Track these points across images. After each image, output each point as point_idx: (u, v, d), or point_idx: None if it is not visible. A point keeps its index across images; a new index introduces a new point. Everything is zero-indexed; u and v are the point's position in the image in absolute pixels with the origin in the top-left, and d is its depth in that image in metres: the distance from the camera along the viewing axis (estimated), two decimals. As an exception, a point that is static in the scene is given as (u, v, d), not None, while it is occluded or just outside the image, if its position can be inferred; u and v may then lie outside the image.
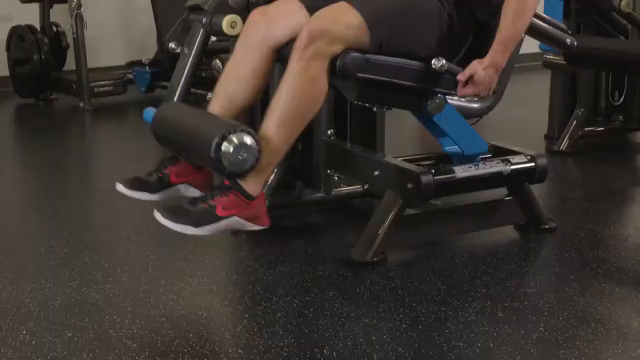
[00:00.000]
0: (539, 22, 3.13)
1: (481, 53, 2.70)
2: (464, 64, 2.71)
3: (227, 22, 2.79)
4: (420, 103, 2.78)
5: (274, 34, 2.67)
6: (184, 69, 2.92)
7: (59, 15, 5.98)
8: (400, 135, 4.09)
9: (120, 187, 2.66)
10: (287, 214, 3.35)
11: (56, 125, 5.49)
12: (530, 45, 3.09)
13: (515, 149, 3.08)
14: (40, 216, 3.53)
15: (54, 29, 6.03)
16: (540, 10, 3.50)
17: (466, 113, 2.95)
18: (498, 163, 2.95)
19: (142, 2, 6.24)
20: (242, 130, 2.40)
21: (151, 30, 6.11)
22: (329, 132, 3.25)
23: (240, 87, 2.68)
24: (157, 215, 2.44)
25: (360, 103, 2.85)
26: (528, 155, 3.03)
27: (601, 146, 4.64)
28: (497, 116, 3.22)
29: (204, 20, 2.87)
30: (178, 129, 2.63)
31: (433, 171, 2.82)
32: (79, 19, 5.67)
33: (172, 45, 2.99)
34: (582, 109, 4.55)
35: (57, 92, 5.99)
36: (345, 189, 3.40)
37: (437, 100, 2.77)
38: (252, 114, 2.99)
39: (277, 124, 2.50)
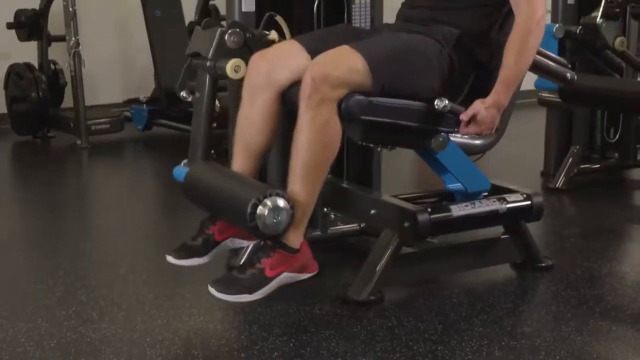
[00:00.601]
0: (538, 56, 3.15)
1: (483, 92, 2.72)
2: (466, 102, 2.73)
3: (231, 66, 2.81)
4: (423, 142, 2.80)
5: (276, 78, 2.68)
6: (201, 116, 2.94)
7: (58, 53, 6.00)
8: (397, 173, 4.10)
9: (170, 259, 2.68)
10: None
11: (53, 162, 5.50)
12: (526, 83, 3.10)
13: (511, 187, 3.09)
14: (37, 254, 3.52)
15: (52, 66, 6.05)
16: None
17: (468, 150, 2.96)
18: (494, 201, 2.96)
19: (140, 40, 6.28)
20: (275, 195, 2.45)
21: (149, 68, 6.14)
22: (325, 170, 3.26)
23: (254, 133, 2.71)
24: (212, 291, 2.49)
25: (364, 144, 2.87)
26: (524, 193, 3.04)
27: (597, 183, 4.66)
28: (494, 153, 3.23)
29: (208, 64, 2.90)
30: (211, 191, 2.67)
31: (429, 210, 2.83)
32: (77, 57, 5.69)
33: (183, 94, 3.00)
34: (577, 147, 4.57)
35: (54, 129, 5.99)
36: (342, 227, 3.41)
37: (440, 138, 2.79)
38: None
39: (301, 180, 2.53)
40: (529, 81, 3.58)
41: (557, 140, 4.78)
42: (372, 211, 3.00)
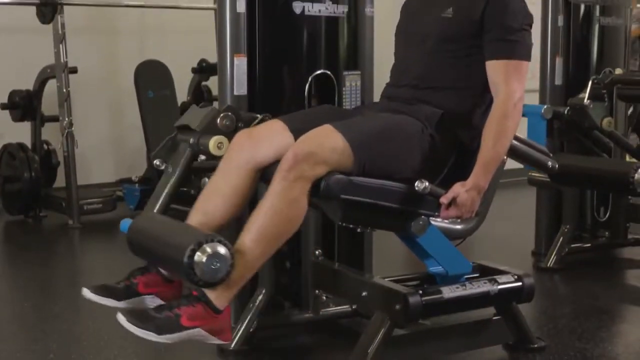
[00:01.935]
0: (520, 144, 3.20)
1: (464, 173, 2.75)
2: (447, 184, 2.75)
3: (214, 142, 2.84)
4: (403, 224, 2.80)
5: (257, 155, 2.71)
6: (166, 185, 2.95)
7: (51, 133, 6.04)
8: (388, 255, 4.10)
9: (86, 292, 2.64)
10: (275, 335, 3.34)
11: (45, 243, 5.49)
12: (516, 162, 3.15)
13: (502, 268, 3.10)
14: (27, 336, 3.50)
15: (45, 147, 6.08)
16: (523, 128, 3.57)
17: (449, 235, 2.98)
18: (485, 283, 2.96)
19: (133, 120, 6.33)
20: (217, 241, 2.42)
21: (141, 148, 6.18)
22: (316, 252, 3.27)
23: (219, 204, 2.70)
24: (121, 318, 2.43)
25: (344, 224, 2.88)
26: (515, 274, 3.04)
27: (588, 262, 4.66)
28: (485, 232, 3.25)
29: (192, 140, 2.93)
30: (153, 237, 2.64)
31: (420, 292, 2.83)
32: (70, 137, 5.73)
33: (157, 162, 3.02)
34: (568, 226, 4.59)
35: (46, 209, 6.00)
36: (334, 309, 3.40)
37: (421, 222, 2.80)
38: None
39: (253, 240, 2.52)
40: (519, 160, 3.62)
41: (547, 219, 4.80)
42: (364, 293, 3.00)
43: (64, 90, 5.70)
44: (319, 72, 3.37)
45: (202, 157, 3.23)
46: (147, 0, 6.55)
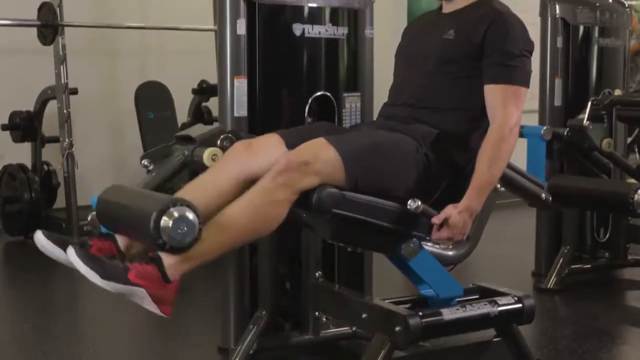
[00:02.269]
0: (515, 174, 3.20)
1: (457, 195, 2.75)
2: (440, 206, 2.75)
3: (209, 154, 2.87)
4: (394, 246, 2.80)
5: (251, 166, 2.70)
6: (144, 182, 2.96)
7: (51, 153, 6.05)
8: (389, 277, 4.10)
9: (38, 234, 2.59)
10: (275, 356, 3.33)
11: (44, 264, 5.41)
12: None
13: (502, 289, 3.09)
14: (27, 357, 3.50)
15: (46, 167, 6.09)
16: (523, 150, 3.58)
17: (440, 260, 2.96)
18: (485, 305, 2.95)
19: (133, 140, 6.34)
20: (185, 205, 2.37)
21: (141, 169, 6.17)
22: (317, 274, 3.26)
23: (202, 197, 2.62)
24: (71, 251, 2.40)
25: (334, 242, 2.87)
26: (515, 296, 3.03)
27: (588, 283, 4.66)
28: (484, 253, 3.25)
29: (186, 151, 2.95)
30: (121, 205, 2.59)
31: (420, 314, 2.82)
32: (70, 158, 5.74)
33: (145, 162, 3.02)
34: (568, 247, 4.59)
35: (46, 230, 5.96)
36: (334, 330, 3.40)
37: (412, 244, 2.79)
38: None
39: (224, 223, 2.51)
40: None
41: (547, 240, 4.79)
42: (364, 315, 2.99)
43: (65, 111, 5.71)
44: (319, 93, 3.38)
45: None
46: (147, 22, 6.58)
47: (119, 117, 6.71)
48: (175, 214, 2.35)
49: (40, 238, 2.57)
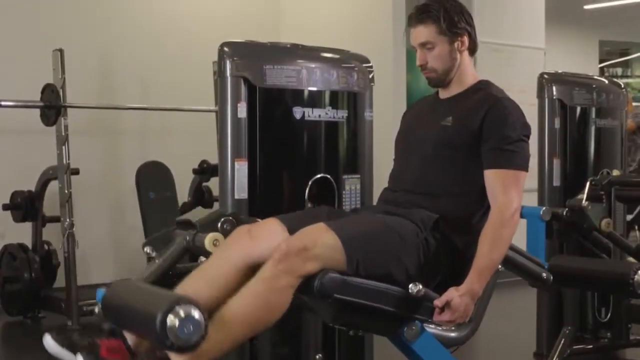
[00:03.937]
0: (515, 255, 3.20)
1: (459, 278, 2.76)
2: (441, 289, 2.75)
3: (210, 239, 2.88)
4: (396, 329, 2.79)
5: (253, 253, 2.70)
6: (148, 272, 2.96)
7: (51, 233, 6.05)
8: (390, 359, 4.08)
9: (47, 337, 2.58)
10: None
11: (42, 344, 5.43)
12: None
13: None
14: None
15: (46, 247, 6.08)
16: (523, 230, 3.59)
17: (443, 342, 2.95)
18: (487, 389, 2.94)
19: (133, 220, 6.36)
20: (191, 303, 2.35)
21: (142, 249, 6.16)
22: (317, 356, 3.25)
23: (206, 287, 2.63)
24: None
25: (335, 326, 2.86)
26: (516, 380, 3.02)
27: (590, 364, 4.63)
28: (486, 332, 3.22)
29: (188, 236, 2.96)
30: (126, 301, 2.57)
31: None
32: (71, 238, 5.73)
33: (147, 249, 3.03)
34: (569, 327, 4.56)
35: (45, 310, 5.96)
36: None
37: (414, 327, 2.79)
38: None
39: (229, 319, 2.51)
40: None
41: (548, 320, 4.76)
42: (365, 398, 2.97)
43: (66, 191, 5.71)
44: (319, 176, 3.41)
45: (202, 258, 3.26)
46: (149, 103, 6.65)
47: (120, 197, 6.74)
48: (182, 313, 2.33)
49: (49, 342, 2.57)
